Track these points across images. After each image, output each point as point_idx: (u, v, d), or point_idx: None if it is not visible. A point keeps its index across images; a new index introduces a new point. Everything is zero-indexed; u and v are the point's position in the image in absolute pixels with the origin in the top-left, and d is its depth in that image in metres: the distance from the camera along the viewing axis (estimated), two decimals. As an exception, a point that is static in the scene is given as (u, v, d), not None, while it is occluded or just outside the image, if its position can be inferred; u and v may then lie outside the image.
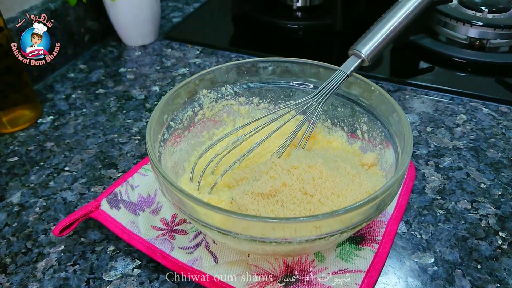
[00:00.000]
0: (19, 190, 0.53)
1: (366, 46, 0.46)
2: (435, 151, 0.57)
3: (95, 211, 0.47)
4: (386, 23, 0.48)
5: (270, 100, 0.54)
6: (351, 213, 0.34)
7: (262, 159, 0.49)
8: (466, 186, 0.52)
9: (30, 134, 0.62)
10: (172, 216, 0.47)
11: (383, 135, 0.46)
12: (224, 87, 0.52)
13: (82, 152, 0.59)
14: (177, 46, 0.82)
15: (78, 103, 0.68)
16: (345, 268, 0.42)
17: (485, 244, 0.45)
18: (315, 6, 0.91)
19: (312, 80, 0.51)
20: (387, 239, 0.44)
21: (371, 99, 0.47)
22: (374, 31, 0.47)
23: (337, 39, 0.84)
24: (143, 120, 0.64)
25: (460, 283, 0.42)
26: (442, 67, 0.73)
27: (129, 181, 0.51)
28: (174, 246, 0.44)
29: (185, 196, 0.35)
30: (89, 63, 0.78)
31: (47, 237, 0.47)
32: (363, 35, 0.48)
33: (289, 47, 0.82)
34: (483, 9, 0.75)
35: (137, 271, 0.44)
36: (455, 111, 0.64)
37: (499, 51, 0.75)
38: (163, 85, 0.72)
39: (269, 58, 0.52)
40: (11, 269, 0.44)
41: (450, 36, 0.78)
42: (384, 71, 0.72)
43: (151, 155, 0.39)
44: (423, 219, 0.48)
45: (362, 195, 0.40)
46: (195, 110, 0.50)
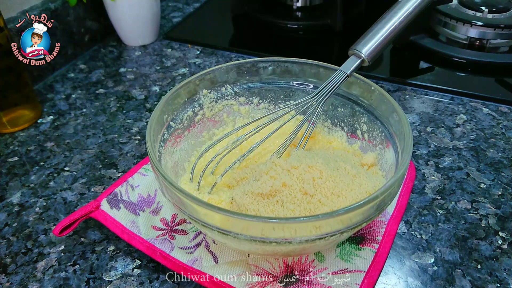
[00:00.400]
0: (19, 190, 0.53)
1: (366, 46, 0.46)
2: (435, 151, 0.57)
3: (95, 211, 0.47)
4: (386, 23, 0.48)
5: (270, 100, 0.54)
6: (351, 213, 0.34)
7: (262, 159, 0.49)
8: (466, 186, 0.52)
9: (30, 134, 0.62)
10: (172, 216, 0.47)
11: (383, 135, 0.46)
12: (224, 87, 0.52)
13: (82, 152, 0.59)
14: (177, 46, 0.82)
15: (78, 103, 0.68)
16: (345, 268, 0.42)
17: (485, 244, 0.45)
18: (315, 6, 0.91)
19: (312, 80, 0.51)
20: (387, 239, 0.44)
21: (371, 99, 0.47)
22: (374, 31, 0.47)
23: (337, 39, 0.84)
24: (143, 120, 0.64)
25: (460, 283, 0.42)
26: (442, 67, 0.73)
27: (129, 181, 0.51)
28: (174, 246, 0.44)
29: (185, 196, 0.35)
30: (89, 63, 0.78)
31: (47, 237, 0.47)
32: (363, 35, 0.48)
33: (289, 47, 0.82)
34: (483, 9, 0.75)
35: (137, 271, 0.44)
36: (455, 111, 0.64)
37: (499, 51, 0.75)
38: (163, 85, 0.72)
39: (269, 58, 0.52)
40: (11, 269, 0.44)
41: (450, 36, 0.78)
42: (384, 71, 0.72)
43: (151, 155, 0.39)
44: (423, 219, 0.48)
45: (362, 195, 0.40)
46: (195, 110, 0.50)
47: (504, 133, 0.59)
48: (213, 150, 0.48)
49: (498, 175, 0.53)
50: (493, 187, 0.51)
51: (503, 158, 0.55)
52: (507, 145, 0.57)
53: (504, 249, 0.45)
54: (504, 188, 0.51)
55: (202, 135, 0.52)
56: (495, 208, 0.49)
